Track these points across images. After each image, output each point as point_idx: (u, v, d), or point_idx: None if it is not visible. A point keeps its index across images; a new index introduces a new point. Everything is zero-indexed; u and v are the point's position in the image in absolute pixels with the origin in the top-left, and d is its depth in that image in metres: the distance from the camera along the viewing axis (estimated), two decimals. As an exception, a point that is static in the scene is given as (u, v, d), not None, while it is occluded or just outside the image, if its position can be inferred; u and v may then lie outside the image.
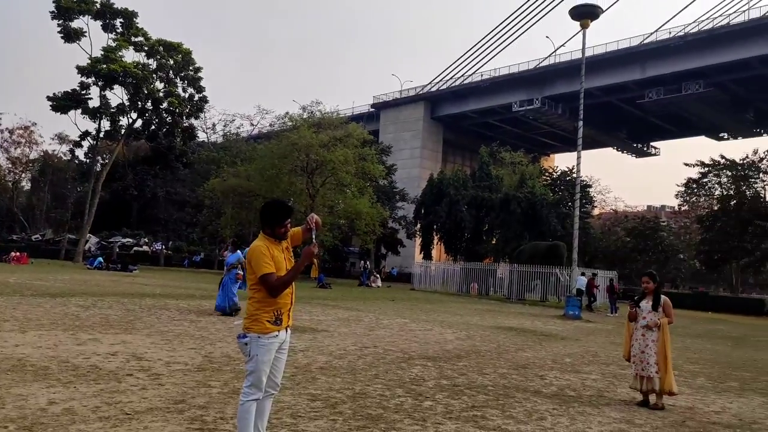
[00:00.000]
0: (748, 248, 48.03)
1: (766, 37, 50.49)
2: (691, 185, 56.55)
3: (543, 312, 25.55)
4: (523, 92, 65.82)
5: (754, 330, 25.23)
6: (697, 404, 8.35)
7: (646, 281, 8.46)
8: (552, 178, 59.43)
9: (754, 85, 57.53)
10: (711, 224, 50.52)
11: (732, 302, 43.33)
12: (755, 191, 51.63)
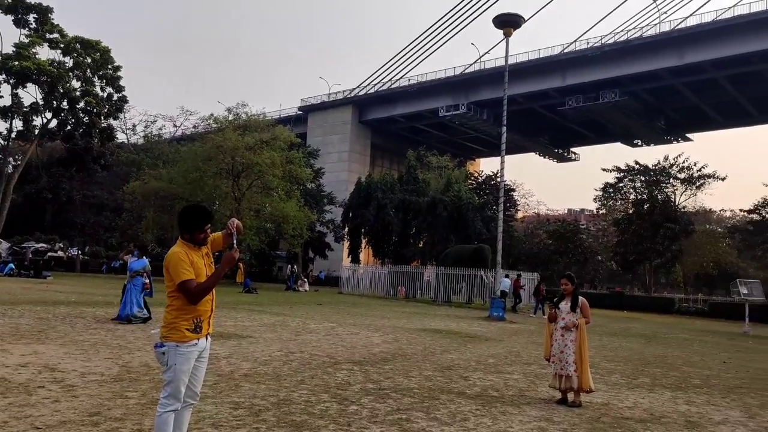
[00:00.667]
0: (659, 250, 50.53)
1: (674, 50, 53.31)
2: (608, 190, 59.00)
3: (468, 314, 26.02)
4: (450, 97, 66.96)
5: (664, 328, 26.53)
6: (612, 400, 8.69)
7: (565, 283, 8.74)
8: (477, 182, 60.73)
9: (664, 94, 60.66)
10: (626, 227, 52.85)
11: (645, 301, 45.42)
12: (666, 195, 54.38)
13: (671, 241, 50.52)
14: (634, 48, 55.48)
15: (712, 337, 22.88)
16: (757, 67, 51.83)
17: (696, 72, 54.73)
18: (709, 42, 51.29)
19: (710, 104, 62.01)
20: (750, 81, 55.55)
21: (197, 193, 39.36)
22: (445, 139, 77.33)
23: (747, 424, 7.73)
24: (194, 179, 40.14)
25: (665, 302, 45.33)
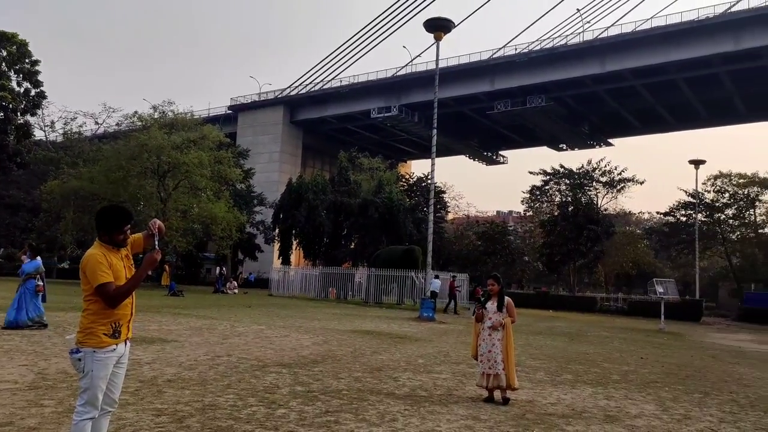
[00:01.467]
0: (583, 251, 52.37)
1: (596, 58, 55.41)
2: (534, 192, 60.68)
3: (399, 315, 26.18)
4: (382, 100, 67.29)
5: (587, 326, 27.49)
6: (537, 397, 8.92)
7: (492, 283, 8.90)
8: (409, 183, 61.27)
9: (588, 101, 62.96)
10: (552, 228, 54.50)
11: (569, 301, 46.99)
12: (589, 198, 56.42)
13: (594, 243, 52.43)
14: (560, 55, 57.31)
15: (631, 335, 23.88)
16: (672, 76, 54.50)
17: (617, 80, 57.06)
18: (629, 51, 53.57)
19: (630, 111, 64.76)
20: (665, 90, 58.36)
21: (120, 193, 38.01)
22: (377, 141, 77.67)
23: (661, 416, 8.10)
24: (117, 179, 38.74)
25: (588, 301, 47.01)
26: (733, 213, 57.45)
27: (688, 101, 60.07)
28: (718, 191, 56.52)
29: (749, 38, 48.08)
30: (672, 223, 59.10)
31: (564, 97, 61.18)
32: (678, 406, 8.89)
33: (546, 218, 57.84)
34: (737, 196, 56.23)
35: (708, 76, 54.19)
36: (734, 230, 58.93)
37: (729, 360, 16.28)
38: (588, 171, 56.64)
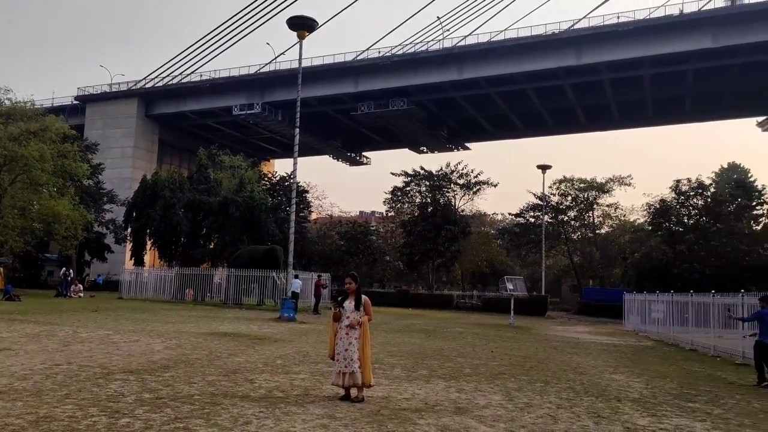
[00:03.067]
0: (441, 250, 54.42)
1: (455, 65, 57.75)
2: (396, 193, 62.14)
3: (260, 315, 25.70)
4: (244, 96, 65.78)
5: (444, 323, 28.56)
6: (392, 393, 9.07)
7: (349, 282, 8.92)
8: (271, 182, 60.44)
9: (447, 106, 65.46)
10: (412, 229, 56.10)
11: (428, 299, 48.62)
12: (447, 200, 58.69)
13: (451, 242, 54.62)
14: (421, 60, 59.09)
15: (484, 330, 25.10)
16: (523, 86, 58.07)
17: (473, 87, 59.81)
18: (484, 60, 56.36)
19: (485, 117, 68.15)
20: (517, 98, 62.04)
21: (-54, 187, 34.17)
22: (240, 139, 75.83)
23: (506, 406, 8.54)
24: (-58, 171, 34.78)
25: (445, 299, 48.90)
26: (575, 215, 62.28)
27: (537, 110, 64.25)
28: (562, 194, 61.07)
29: (589, 54, 52.32)
30: (522, 224, 62.95)
31: (425, 101, 63.16)
32: (522, 395, 9.43)
33: (407, 219, 59.40)
34: (578, 199, 61.05)
35: (554, 87, 58.28)
36: (576, 231, 63.92)
37: (568, 351, 17.57)
38: (446, 173, 58.88)
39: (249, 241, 44.33)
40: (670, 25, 48.58)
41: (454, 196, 59.76)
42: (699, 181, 51.88)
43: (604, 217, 65.19)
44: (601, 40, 51.46)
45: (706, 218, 49.79)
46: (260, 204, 46.46)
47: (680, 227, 51.08)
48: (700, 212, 50.68)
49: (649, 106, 61.01)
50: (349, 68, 61.82)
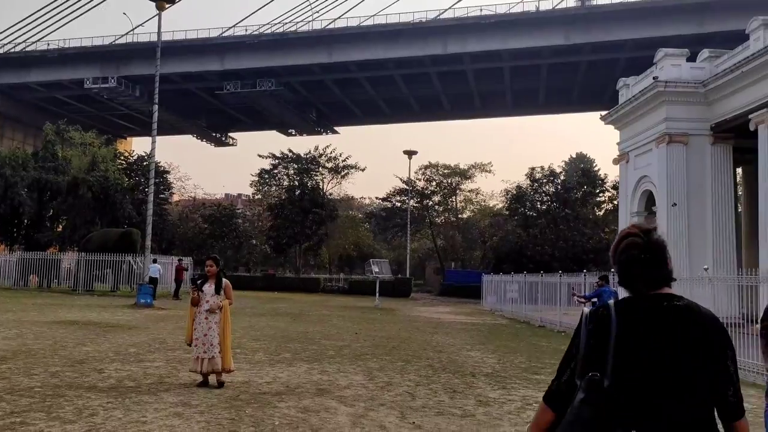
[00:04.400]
0: (308, 233, 54.18)
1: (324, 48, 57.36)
2: (263, 176, 60.95)
3: (113, 302, 24.27)
4: (98, 69, 61.30)
5: (310, 306, 28.49)
6: (254, 377, 8.90)
7: (210, 265, 8.61)
8: (128, 162, 57.09)
9: (316, 88, 64.97)
10: (279, 212, 55.33)
11: (295, 282, 48.33)
12: (315, 183, 58.48)
13: (319, 226, 54.55)
14: (290, 41, 58.09)
15: (349, 312, 25.35)
16: (391, 72, 58.92)
17: (342, 70, 59.80)
18: (354, 45, 56.47)
19: (354, 101, 68.45)
20: (385, 83, 62.86)
21: None
22: (93, 114, 70.74)
23: (367, 385, 8.65)
24: None
25: (312, 282, 48.87)
26: (439, 200, 64.42)
27: (404, 96, 65.47)
28: (427, 180, 62.85)
29: (454, 44, 54.01)
30: (389, 208, 64.10)
31: (294, 82, 62.26)
32: (383, 375, 9.60)
33: (274, 202, 58.54)
34: (442, 184, 63.18)
35: (421, 75, 59.63)
36: (439, 215, 66.17)
37: (429, 330, 18.17)
38: (315, 156, 58.60)
39: (103, 223, 41.63)
40: (528, 20, 51.25)
41: (322, 180, 59.66)
42: (551, 169, 55.48)
43: (466, 203, 67.95)
44: (466, 32, 53.29)
45: (556, 204, 53.38)
46: (115, 184, 43.71)
47: (534, 212, 54.38)
48: (552, 198, 54.24)
49: (508, 96, 64.20)
50: (214, 45, 59.51)
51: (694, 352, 2.04)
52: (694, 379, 2.02)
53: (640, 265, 2.16)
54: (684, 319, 2.10)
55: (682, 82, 23.51)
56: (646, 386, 1.99)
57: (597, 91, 55.83)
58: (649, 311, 2.11)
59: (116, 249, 30.10)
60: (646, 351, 2.03)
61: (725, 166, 23.61)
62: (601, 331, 2.09)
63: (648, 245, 2.18)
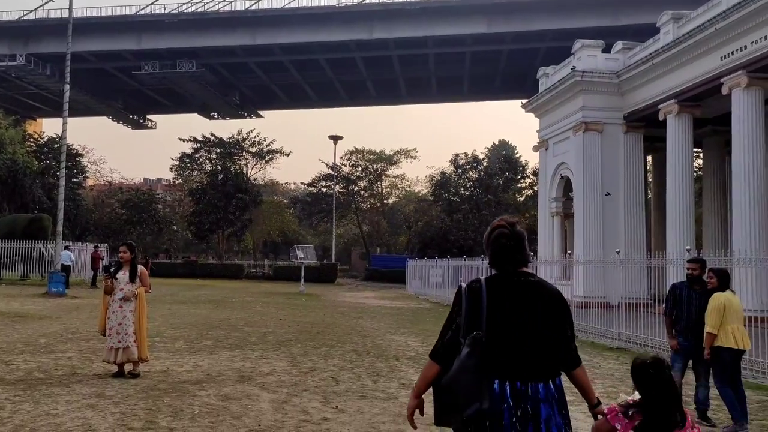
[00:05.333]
0: (231, 219, 53.13)
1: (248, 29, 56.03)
2: (184, 160, 59.27)
3: (23, 291, 23.06)
4: (5, 46, 57.64)
5: (233, 293, 28.00)
6: (173, 366, 8.67)
7: (124, 251, 8.30)
8: (38, 144, 54.29)
9: (239, 71, 63.45)
10: (201, 197, 53.98)
11: (218, 269, 47.35)
12: (239, 168, 57.38)
13: (242, 211, 53.62)
14: (211, 21, 56.39)
15: (273, 298, 25.07)
16: (317, 56, 58.26)
17: (267, 53, 58.62)
18: (278, 27, 55.40)
19: (279, 85, 67.30)
20: (310, 68, 62.16)
21: None
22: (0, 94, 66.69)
23: (290, 371, 8.59)
24: None
25: (236, 269, 48.03)
26: (365, 185, 64.55)
27: (330, 81, 64.91)
28: (353, 165, 62.86)
29: (380, 29, 53.93)
30: (314, 194, 63.68)
31: (215, 64, 60.56)
32: (307, 360, 9.56)
33: (195, 186, 57.06)
34: (368, 170, 63.32)
35: (347, 60, 59.25)
36: (365, 200, 66.34)
37: (354, 315, 18.22)
38: (238, 141, 57.48)
39: (11, 209, 39.44)
40: (452, 8, 51.77)
41: (246, 165, 58.59)
42: (474, 155, 56.59)
43: (391, 188, 68.39)
44: (391, 17, 53.30)
45: (479, 190, 54.52)
46: (24, 168, 41.47)
47: (458, 198, 55.38)
48: (475, 184, 55.36)
49: (433, 83, 64.80)
50: (130, 23, 57.06)
51: (543, 315, 2.72)
52: (543, 334, 2.70)
53: (507, 250, 2.78)
54: (535, 290, 2.76)
55: (597, 73, 24.38)
56: (510, 339, 2.66)
57: (519, 80, 57.15)
58: (510, 284, 2.76)
59: (25, 236, 28.54)
60: (508, 313, 2.69)
61: (637, 153, 24.71)
62: (476, 300, 2.72)
63: (513, 235, 2.80)
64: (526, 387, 2.62)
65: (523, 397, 2.61)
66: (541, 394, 2.63)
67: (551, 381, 2.68)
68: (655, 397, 2.78)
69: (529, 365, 2.65)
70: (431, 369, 2.77)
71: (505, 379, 2.62)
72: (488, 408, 2.57)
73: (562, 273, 21.95)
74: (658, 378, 2.81)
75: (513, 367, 2.64)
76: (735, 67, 18.17)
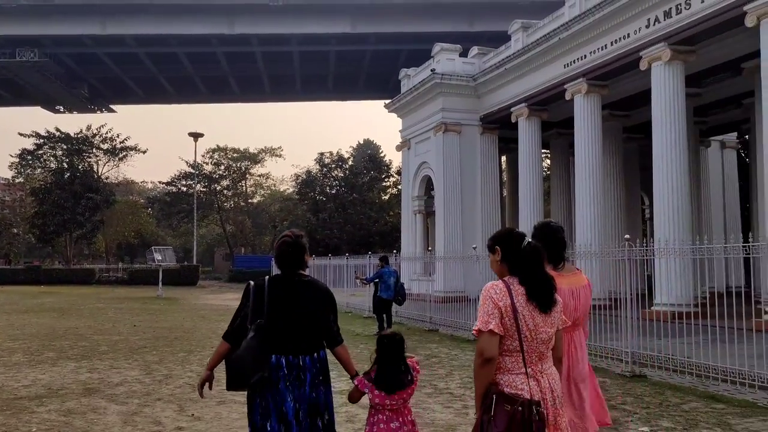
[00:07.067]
0: (81, 221, 49.51)
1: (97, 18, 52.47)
2: (26, 156, 54.56)
3: None
4: None
5: (82, 299, 26.13)
6: (8, 382, 7.91)
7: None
8: None
9: (88, 62, 59.23)
10: (45, 197, 49.85)
11: (65, 274, 43.97)
12: (89, 165, 53.66)
13: (93, 212, 50.20)
14: (57, 8, 52.19)
15: (128, 304, 23.69)
16: (175, 49, 55.78)
17: (119, 44, 55.20)
18: (132, 17, 52.33)
19: (134, 78, 63.59)
20: (168, 61, 59.39)
21: None
22: None
23: (143, 380, 8.10)
24: None
25: (86, 273, 44.94)
26: (228, 184, 62.80)
27: (190, 75, 62.32)
28: (215, 164, 60.91)
29: (242, 24, 52.54)
30: (174, 193, 60.98)
31: (62, 55, 56.14)
32: (162, 368, 9.07)
33: (39, 186, 52.64)
34: (232, 168, 61.65)
35: (207, 54, 57.16)
36: (229, 200, 64.55)
37: (215, 318, 17.59)
38: (88, 137, 53.85)
39: None
40: (317, 6, 51.65)
41: (96, 162, 54.94)
42: (340, 154, 56.91)
43: (256, 187, 67.13)
44: (254, 12, 52.17)
45: (344, 188, 54.88)
46: None
47: (323, 197, 55.39)
48: (340, 183, 55.66)
49: (298, 81, 64.27)
50: (-35, 7, 51.60)
51: (313, 306, 3.56)
52: (311, 320, 3.54)
53: (287, 255, 3.60)
54: (307, 288, 3.60)
55: (455, 76, 25.32)
56: (285, 324, 3.46)
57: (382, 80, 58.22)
58: (288, 283, 3.57)
59: None
60: (285, 305, 3.48)
61: (492, 154, 25.97)
62: (260, 294, 3.49)
63: (295, 244, 3.62)
64: (297, 359, 3.44)
65: (295, 366, 3.43)
66: (308, 363, 3.47)
67: (316, 353, 3.53)
68: (385, 356, 3.68)
69: (299, 343, 3.48)
70: (223, 347, 3.53)
71: (281, 354, 3.42)
72: (268, 375, 3.36)
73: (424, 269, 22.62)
74: (390, 345, 3.69)
75: (287, 345, 3.44)
76: (576, 75, 19.59)
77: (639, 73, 17.34)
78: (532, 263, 2.95)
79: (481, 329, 2.79)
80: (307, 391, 3.43)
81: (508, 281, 2.91)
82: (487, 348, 2.77)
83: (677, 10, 15.93)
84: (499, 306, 2.81)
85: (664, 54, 16.22)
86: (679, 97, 16.36)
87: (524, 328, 2.81)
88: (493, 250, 3.09)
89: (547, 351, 2.93)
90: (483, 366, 2.79)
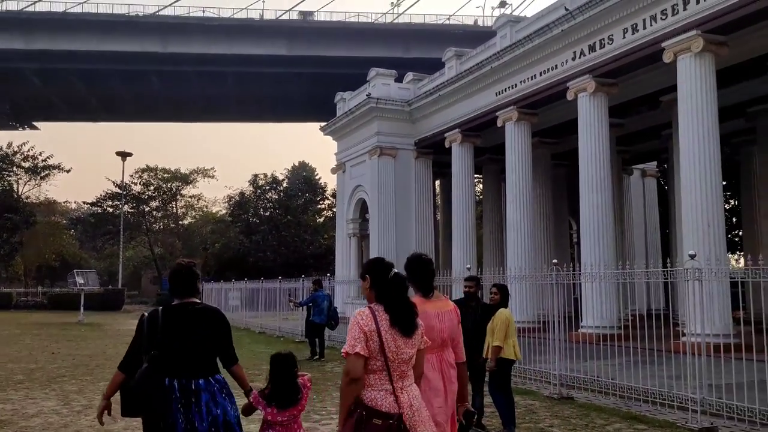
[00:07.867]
0: (-1, 242, 47.10)
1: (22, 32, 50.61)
2: (-62, 174, 51.59)
3: None
4: None
5: (-2, 324, 24.72)
6: None
7: None
8: None
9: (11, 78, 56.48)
10: (-45, 217, 47.23)
11: (-21, 298, 41.60)
12: (7, 184, 51.25)
13: (12, 233, 47.86)
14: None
15: (47, 330, 22.57)
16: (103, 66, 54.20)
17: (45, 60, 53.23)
18: (58, 32, 50.63)
19: (60, 95, 61.43)
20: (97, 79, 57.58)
21: None
22: None
23: (61, 411, 7.70)
24: None
25: (2, 298, 42.65)
26: (158, 205, 61.06)
27: (119, 94, 60.68)
28: (144, 184, 59.12)
29: (176, 44, 51.65)
30: (99, 214, 58.81)
31: (-19, 69, 53.80)
32: (82, 398, 8.65)
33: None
34: (161, 189, 60.00)
35: (138, 72, 55.75)
36: (158, 221, 62.73)
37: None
38: (8, 154, 51.47)
39: None
40: (253, 28, 51.44)
41: (17, 181, 52.53)
42: (274, 176, 56.37)
43: (187, 208, 65.60)
44: (189, 32, 51.45)
45: (279, 211, 54.31)
46: None
47: (257, 219, 54.61)
48: (275, 205, 55.07)
49: (233, 102, 63.53)
50: None
51: (207, 330, 3.74)
52: (205, 344, 3.73)
53: (180, 282, 3.84)
54: (200, 314, 3.78)
55: (390, 101, 25.62)
56: (180, 350, 3.64)
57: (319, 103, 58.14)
58: (181, 311, 3.76)
59: None
60: (179, 332, 3.66)
61: (426, 178, 26.31)
62: (154, 325, 3.68)
63: (182, 270, 3.85)
64: (188, 382, 3.61)
65: (188, 389, 3.60)
66: (201, 386, 3.63)
67: (211, 377, 3.70)
68: (277, 375, 3.93)
69: (192, 367, 3.65)
70: (118, 377, 3.69)
71: (173, 378, 3.59)
72: (161, 399, 3.53)
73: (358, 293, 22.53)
74: (282, 363, 3.94)
75: (180, 369, 3.62)
76: (507, 103, 20.17)
77: (566, 102, 18.00)
78: (396, 292, 3.23)
79: (348, 352, 3.06)
80: (203, 411, 3.59)
81: (374, 308, 3.18)
82: (352, 369, 3.04)
83: (601, 45, 16.68)
84: (364, 331, 3.08)
85: (589, 85, 16.92)
86: (603, 126, 17.07)
87: (388, 350, 3.08)
88: (363, 278, 3.32)
89: (408, 370, 3.19)
90: (349, 384, 3.05)
